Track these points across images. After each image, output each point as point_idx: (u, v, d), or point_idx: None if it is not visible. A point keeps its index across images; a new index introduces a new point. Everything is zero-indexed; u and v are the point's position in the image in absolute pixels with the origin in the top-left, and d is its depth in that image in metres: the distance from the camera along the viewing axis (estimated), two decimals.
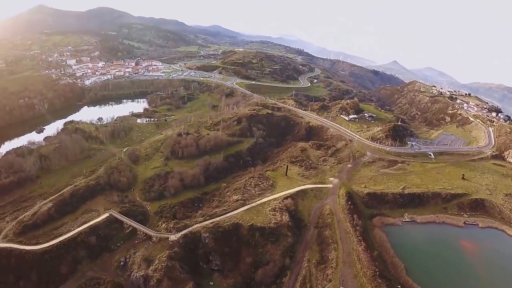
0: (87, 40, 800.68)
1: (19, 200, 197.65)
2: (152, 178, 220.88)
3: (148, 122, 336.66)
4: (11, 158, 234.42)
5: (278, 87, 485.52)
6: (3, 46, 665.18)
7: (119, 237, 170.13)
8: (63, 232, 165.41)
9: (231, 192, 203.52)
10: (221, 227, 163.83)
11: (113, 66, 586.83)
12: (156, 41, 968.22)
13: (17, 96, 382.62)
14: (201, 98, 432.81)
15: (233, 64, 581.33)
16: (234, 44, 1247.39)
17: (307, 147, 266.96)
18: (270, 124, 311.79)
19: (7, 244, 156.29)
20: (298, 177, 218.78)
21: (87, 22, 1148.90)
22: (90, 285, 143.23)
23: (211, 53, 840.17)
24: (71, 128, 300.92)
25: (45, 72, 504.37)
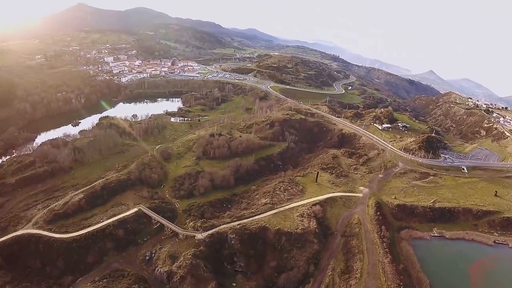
0: (125, 39, 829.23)
1: (52, 190, 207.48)
2: (182, 176, 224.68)
3: (181, 121, 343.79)
4: (46, 149, 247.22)
5: (312, 93, 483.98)
6: (43, 41, 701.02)
7: (146, 232, 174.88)
8: (92, 223, 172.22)
9: (260, 195, 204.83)
10: (248, 229, 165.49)
11: (150, 65, 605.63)
12: (192, 42, 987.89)
13: (55, 90, 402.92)
14: (235, 100, 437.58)
15: (268, 67, 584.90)
16: (269, 48, 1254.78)
17: (339, 154, 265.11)
18: (303, 130, 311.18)
19: (36, 231, 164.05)
20: (328, 184, 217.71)
21: (125, 21, 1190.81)
22: (115, 276, 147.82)
23: (247, 56, 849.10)
24: (106, 123, 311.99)
25: (83, 68, 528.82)
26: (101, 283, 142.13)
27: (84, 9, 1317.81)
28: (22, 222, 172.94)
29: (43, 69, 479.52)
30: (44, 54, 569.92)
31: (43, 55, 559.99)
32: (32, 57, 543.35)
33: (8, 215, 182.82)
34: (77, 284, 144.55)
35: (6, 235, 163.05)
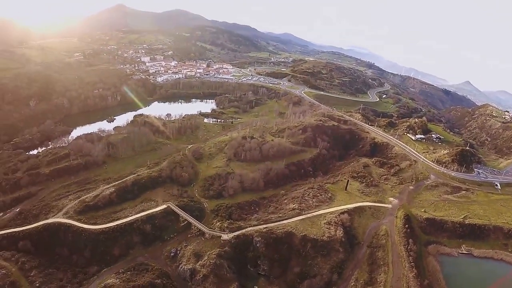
0: (162, 40, 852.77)
1: (84, 182, 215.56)
2: (212, 177, 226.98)
3: (214, 122, 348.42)
4: (81, 143, 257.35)
5: (346, 100, 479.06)
6: (83, 40, 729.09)
7: (173, 229, 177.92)
8: (121, 217, 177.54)
9: (289, 200, 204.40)
10: (274, 233, 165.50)
11: (185, 66, 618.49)
12: (228, 45, 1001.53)
13: (92, 87, 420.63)
14: (268, 104, 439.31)
15: (302, 73, 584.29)
16: (304, 53, 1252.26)
17: (370, 163, 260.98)
18: (335, 136, 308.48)
19: (66, 220, 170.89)
20: (358, 193, 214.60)
21: (162, 23, 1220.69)
22: (139, 270, 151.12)
23: (282, 60, 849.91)
24: (140, 121, 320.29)
25: (120, 66, 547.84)
26: (125, 275, 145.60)
27: (122, 10, 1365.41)
28: (53, 211, 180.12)
29: (81, 67, 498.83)
30: (82, 52, 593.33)
31: (81, 53, 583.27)
32: (71, 55, 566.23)
33: (40, 203, 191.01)
34: (101, 274, 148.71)
35: (37, 222, 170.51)
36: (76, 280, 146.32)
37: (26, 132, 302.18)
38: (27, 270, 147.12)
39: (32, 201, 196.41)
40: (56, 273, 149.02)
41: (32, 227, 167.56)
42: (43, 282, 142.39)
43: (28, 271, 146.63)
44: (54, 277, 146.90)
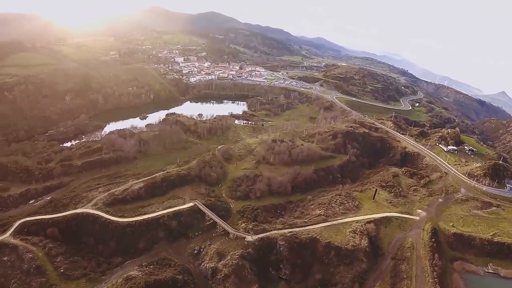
0: (196, 41, 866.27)
1: (114, 176, 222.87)
2: (240, 178, 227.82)
3: (245, 124, 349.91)
4: (114, 138, 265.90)
5: (378, 107, 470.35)
6: (118, 39, 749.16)
7: (199, 227, 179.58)
8: (148, 212, 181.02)
9: (315, 206, 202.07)
10: (298, 238, 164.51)
11: (218, 67, 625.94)
12: (261, 48, 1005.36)
13: (126, 84, 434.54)
14: (299, 108, 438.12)
15: (335, 78, 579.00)
16: (337, 58, 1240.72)
17: (400, 173, 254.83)
18: (365, 144, 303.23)
19: (95, 211, 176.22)
20: (385, 203, 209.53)
21: (196, 25, 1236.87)
22: (161, 264, 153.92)
23: (314, 65, 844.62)
24: (172, 119, 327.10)
25: (154, 66, 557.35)
26: (148, 268, 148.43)
27: (157, 11, 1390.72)
28: (82, 202, 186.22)
29: (116, 65, 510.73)
30: (118, 51, 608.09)
31: (117, 52, 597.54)
32: (107, 53, 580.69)
33: (71, 193, 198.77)
34: (125, 266, 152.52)
35: (66, 211, 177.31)
36: (99, 269, 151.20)
37: (61, 125, 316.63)
38: (53, 256, 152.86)
39: (63, 191, 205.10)
40: (80, 261, 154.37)
41: (61, 216, 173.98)
42: (68, 269, 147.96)
43: (54, 257, 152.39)
44: (79, 264, 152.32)
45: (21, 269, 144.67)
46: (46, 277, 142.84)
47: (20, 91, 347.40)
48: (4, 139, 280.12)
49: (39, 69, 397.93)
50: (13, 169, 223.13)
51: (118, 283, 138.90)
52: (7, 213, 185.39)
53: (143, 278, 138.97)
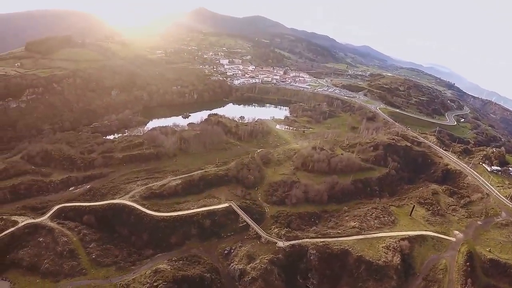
0: (241, 44, 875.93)
1: (153, 171, 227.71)
2: (278, 183, 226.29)
3: (286, 129, 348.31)
4: (155, 134, 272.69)
5: (421, 120, 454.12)
6: (165, 39, 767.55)
7: (231, 228, 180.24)
8: (183, 208, 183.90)
9: (350, 218, 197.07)
10: (330, 249, 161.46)
11: (262, 71, 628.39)
12: (305, 54, 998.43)
13: (171, 83, 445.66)
14: (342, 116, 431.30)
15: (379, 88, 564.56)
16: (382, 67, 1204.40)
17: (439, 191, 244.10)
18: (406, 158, 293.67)
19: (131, 203, 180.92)
20: (422, 221, 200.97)
21: (242, 28, 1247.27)
22: (191, 261, 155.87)
23: (359, 73, 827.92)
24: (214, 120, 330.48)
25: (199, 67, 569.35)
26: (177, 263, 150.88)
27: (204, 13, 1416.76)
28: (120, 193, 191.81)
29: (162, 63, 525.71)
30: (164, 50, 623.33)
31: (163, 51, 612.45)
32: (153, 52, 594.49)
33: (110, 184, 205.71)
34: (155, 258, 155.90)
35: (103, 201, 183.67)
36: (130, 259, 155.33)
37: (105, 118, 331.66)
38: (86, 241, 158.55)
39: (102, 181, 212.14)
40: (112, 250, 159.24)
41: (98, 204, 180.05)
42: (99, 255, 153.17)
43: (88, 243, 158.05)
44: (111, 252, 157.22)
45: (55, 251, 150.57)
46: (78, 261, 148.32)
47: (68, 84, 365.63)
48: (51, 128, 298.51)
49: (88, 64, 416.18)
50: (57, 157, 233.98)
51: (146, 274, 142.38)
52: (47, 197, 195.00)
53: (171, 272, 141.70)
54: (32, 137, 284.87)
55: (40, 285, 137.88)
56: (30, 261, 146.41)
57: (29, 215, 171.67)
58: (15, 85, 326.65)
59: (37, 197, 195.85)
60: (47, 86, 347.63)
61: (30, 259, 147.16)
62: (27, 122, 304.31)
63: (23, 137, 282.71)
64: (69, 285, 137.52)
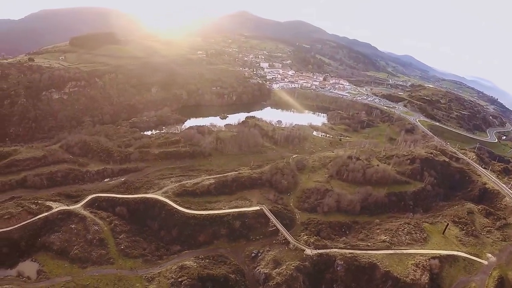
0: (282, 48, 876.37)
1: (187, 169, 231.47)
2: (311, 190, 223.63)
3: (323, 136, 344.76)
4: (192, 133, 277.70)
5: (461, 135, 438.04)
6: (206, 40, 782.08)
7: (261, 231, 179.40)
8: (214, 208, 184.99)
9: (381, 231, 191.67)
10: (358, 261, 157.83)
11: (302, 76, 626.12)
12: (346, 61, 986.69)
13: (210, 84, 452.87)
14: (380, 127, 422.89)
15: (419, 99, 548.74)
16: (424, 78, 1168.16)
17: (475, 210, 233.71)
18: (443, 174, 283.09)
19: (164, 199, 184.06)
20: (455, 240, 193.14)
21: (283, 32, 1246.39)
22: (217, 261, 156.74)
23: (399, 83, 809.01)
24: (251, 122, 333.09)
25: (239, 69, 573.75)
26: (203, 261, 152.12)
27: (246, 16, 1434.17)
28: (153, 188, 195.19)
29: (202, 64, 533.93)
30: (205, 51, 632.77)
31: (204, 52, 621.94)
32: (194, 52, 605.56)
33: (144, 179, 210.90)
34: (182, 255, 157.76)
35: (137, 194, 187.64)
36: (157, 253, 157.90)
37: (144, 114, 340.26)
38: (117, 232, 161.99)
39: (137, 175, 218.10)
40: (141, 242, 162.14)
41: (131, 197, 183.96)
42: (128, 246, 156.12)
43: (118, 234, 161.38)
44: (139, 245, 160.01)
45: (85, 238, 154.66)
46: (106, 250, 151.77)
47: (110, 79, 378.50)
48: (90, 120, 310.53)
49: (129, 61, 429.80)
50: (94, 148, 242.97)
51: (172, 269, 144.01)
52: (82, 186, 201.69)
53: (197, 270, 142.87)
54: (72, 127, 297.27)
55: (68, 270, 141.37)
56: (60, 246, 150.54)
57: (64, 202, 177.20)
58: (59, 77, 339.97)
59: (72, 185, 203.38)
60: (89, 80, 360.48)
61: (60, 244, 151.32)
62: (68, 113, 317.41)
63: (63, 127, 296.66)
64: (95, 272, 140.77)
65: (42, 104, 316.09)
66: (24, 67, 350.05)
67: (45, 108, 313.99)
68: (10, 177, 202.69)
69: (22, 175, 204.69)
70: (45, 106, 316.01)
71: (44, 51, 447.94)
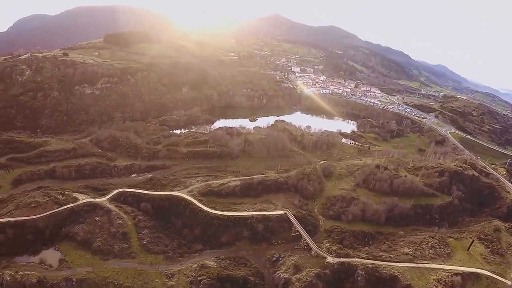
0: (314, 53, 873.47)
1: (214, 169, 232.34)
2: (336, 197, 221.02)
3: (351, 144, 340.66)
4: (221, 134, 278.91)
5: (492, 150, 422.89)
6: (239, 42, 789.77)
7: (283, 236, 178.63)
8: (238, 209, 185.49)
9: (405, 243, 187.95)
10: (379, 272, 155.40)
11: (333, 82, 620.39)
12: (379, 69, 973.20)
13: (241, 86, 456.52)
14: (410, 137, 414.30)
15: (451, 111, 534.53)
16: (457, 89, 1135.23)
17: (502, 228, 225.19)
18: (472, 188, 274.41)
19: (189, 197, 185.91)
20: (479, 258, 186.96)
21: (315, 37, 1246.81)
22: (238, 262, 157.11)
23: (432, 93, 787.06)
24: (280, 126, 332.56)
25: (271, 72, 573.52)
26: (224, 262, 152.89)
27: (279, 20, 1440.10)
28: (179, 186, 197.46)
29: (234, 66, 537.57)
30: (237, 53, 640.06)
31: (236, 54, 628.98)
32: (226, 54, 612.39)
33: (171, 176, 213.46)
34: (203, 254, 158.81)
35: (162, 191, 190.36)
36: (179, 250, 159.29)
37: (174, 113, 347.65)
38: (140, 227, 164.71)
39: (164, 172, 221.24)
40: (164, 239, 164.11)
41: (157, 194, 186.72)
42: (150, 242, 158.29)
43: (141, 229, 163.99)
44: (161, 241, 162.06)
45: (109, 231, 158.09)
46: (129, 244, 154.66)
47: (142, 76, 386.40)
48: (121, 116, 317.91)
49: (162, 60, 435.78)
50: (123, 144, 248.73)
51: (192, 268, 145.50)
52: (109, 180, 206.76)
53: (217, 270, 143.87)
54: (102, 122, 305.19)
55: (90, 261, 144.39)
56: (83, 237, 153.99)
57: (90, 195, 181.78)
58: (92, 73, 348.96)
59: (100, 178, 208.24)
60: (121, 77, 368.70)
61: (84, 235, 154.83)
62: (99, 108, 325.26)
63: (93, 122, 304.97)
64: (116, 265, 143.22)
65: (74, 98, 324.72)
66: (58, 62, 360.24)
67: (77, 102, 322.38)
68: (39, 167, 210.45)
69: (51, 166, 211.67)
70: (77, 100, 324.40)
71: (78, 47, 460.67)
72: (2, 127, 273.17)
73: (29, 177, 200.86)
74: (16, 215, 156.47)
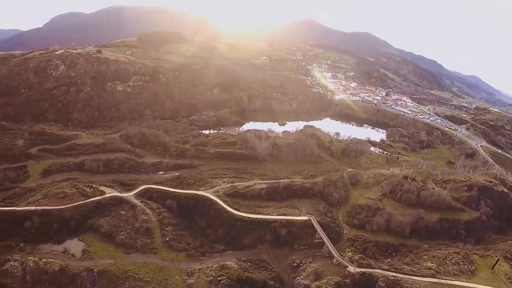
0: (346, 60, 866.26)
1: (241, 171, 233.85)
2: (361, 206, 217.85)
3: (380, 153, 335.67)
4: (249, 136, 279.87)
5: None
6: (271, 46, 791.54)
7: (306, 242, 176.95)
8: (262, 213, 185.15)
9: (428, 258, 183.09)
10: (400, 285, 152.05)
11: (364, 89, 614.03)
12: (411, 77, 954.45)
13: (272, 89, 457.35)
14: (440, 149, 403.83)
15: (483, 124, 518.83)
16: (490, 102, 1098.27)
17: None
18: (501, 205, 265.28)
19: (214, 197, 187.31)
20: (503, 277, 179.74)
21: (348, 43, 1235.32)
22: (258, 265, 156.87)
23: (464, 105, 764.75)
24: (309, 132, 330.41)
25: (302, 77, 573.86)
26: (244, 264, 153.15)
27: (311, 25, 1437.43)
28: (205, 186, 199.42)
29: (265, 69, 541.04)
30: (269, 56, 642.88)
31: (268, 57, 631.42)
32: (258, 57, 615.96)
33: (197, 176, 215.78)
34: (225, 254, 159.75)
35: (188, 190, 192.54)
36: (201, 249, 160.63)
37: (204, 113, 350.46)
38: (164, 224, 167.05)
39: (191, 171, 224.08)
40: (186, 237, 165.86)
41: (182, 192, 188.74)
42: (173, 239, 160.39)
43: (165, 226, 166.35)
44: (184, 239, 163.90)
45: (133, 226, 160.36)
46: (151, 240, 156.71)
47: (173, 76, 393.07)
48: (151, 114, 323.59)
49: (194, 60, 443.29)
50: (152, 141, 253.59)
51: (213, 267, 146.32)
52: (136, 176, 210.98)
53: (237, 271, 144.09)
54: (132, 119, 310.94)
55: (112, 253, 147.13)
56: (108, 230, 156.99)
57: (117, 189, 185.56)
58: (124, 70, 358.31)
59: (127, 174, 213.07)
60: (153, 76, 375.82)
61: (108, 227, 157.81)
62: (130, 105, 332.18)
63: (124, 118, 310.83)
64: (138, 259, 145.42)
65: (106, 95, 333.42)
66: (92, 58, 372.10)
67: (108, 98, 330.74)
68: (69, 159, 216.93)
69: (80, 158, 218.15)
70: (109, 96, 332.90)
71: (112, 45, 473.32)
72: (35, 119, 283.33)
73: (58, 168, 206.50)
74: (44, 204, 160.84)
